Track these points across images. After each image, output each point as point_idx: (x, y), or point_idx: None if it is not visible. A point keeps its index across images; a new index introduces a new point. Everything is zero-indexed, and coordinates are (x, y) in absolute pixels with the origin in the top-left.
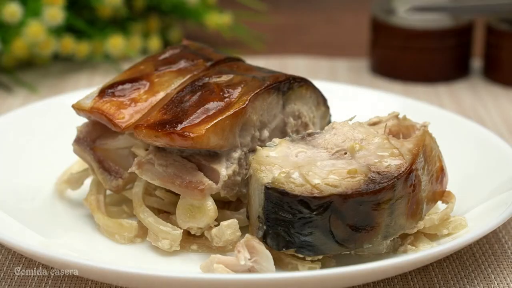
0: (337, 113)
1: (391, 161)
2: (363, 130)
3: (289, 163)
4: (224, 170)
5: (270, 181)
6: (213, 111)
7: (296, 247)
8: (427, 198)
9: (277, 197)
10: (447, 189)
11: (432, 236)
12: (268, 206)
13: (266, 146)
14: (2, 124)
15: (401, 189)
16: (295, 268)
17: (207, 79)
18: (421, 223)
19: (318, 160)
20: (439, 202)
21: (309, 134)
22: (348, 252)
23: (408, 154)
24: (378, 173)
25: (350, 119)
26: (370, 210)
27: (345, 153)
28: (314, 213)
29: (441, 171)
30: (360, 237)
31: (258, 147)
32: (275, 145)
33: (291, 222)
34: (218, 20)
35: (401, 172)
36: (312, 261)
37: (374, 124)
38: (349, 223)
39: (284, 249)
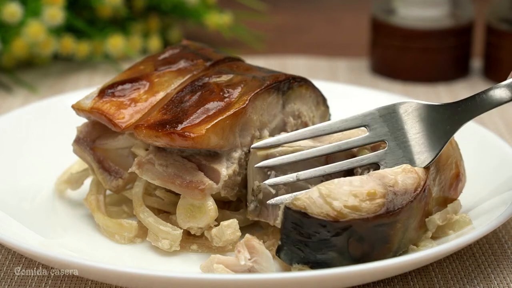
0: (337, 113)
1: (406, 178)
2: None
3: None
4: (225, 170)
5: (289, 202)
6: (213, 111)
7: (310, 263)
8: (437, 205)
9: (297, 218)
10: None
11: (434, 235)
12: (287, 225)
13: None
14: (2, 124)
15: (416, 207)
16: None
17: (207, 79)
18: (429, 233)
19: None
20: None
21: None
22: None
23: (420, 169)
24: (395, 193)
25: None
26: (388, 230)
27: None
28: (333, 235)
29: (456, 177)
30: (375, 255)
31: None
32: None
33: (308, 242)
34: (218, 20)
35: (418, 192)
36: None
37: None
38: (367, 243)
39: (297, 264)
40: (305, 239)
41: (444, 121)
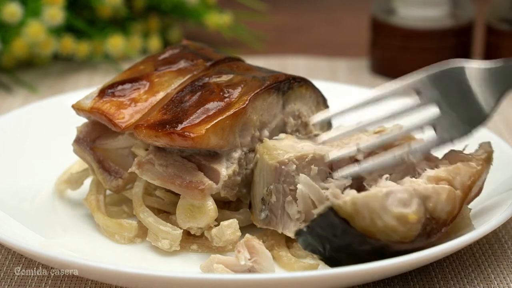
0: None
1: (445, 206)
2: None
3: (294, 150)
4: (224, 170)
5: (336, 204)
6: (213, 111)
7: (324, 258)
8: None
9: (336, 222)
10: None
11: None
12: (322, 222)
13: (273, 139)
14: (2, 124)
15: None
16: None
17: (207, 79)
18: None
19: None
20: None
21: (315, 135)
22: None
23: (460, 189)
24: (433, 219)
25: (357, 124)
26: (413, 250)
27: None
28: (363, 247)
29: (478, 194)
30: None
31: (265, 139)
32: (281, 139)
33: (330, 242)
34: (218, 20)
35: (453, 216)
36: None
37: (377, 132)
38: (386, 257)
39: (310, 251)
40: (332, 238)
41: (494, 82)
